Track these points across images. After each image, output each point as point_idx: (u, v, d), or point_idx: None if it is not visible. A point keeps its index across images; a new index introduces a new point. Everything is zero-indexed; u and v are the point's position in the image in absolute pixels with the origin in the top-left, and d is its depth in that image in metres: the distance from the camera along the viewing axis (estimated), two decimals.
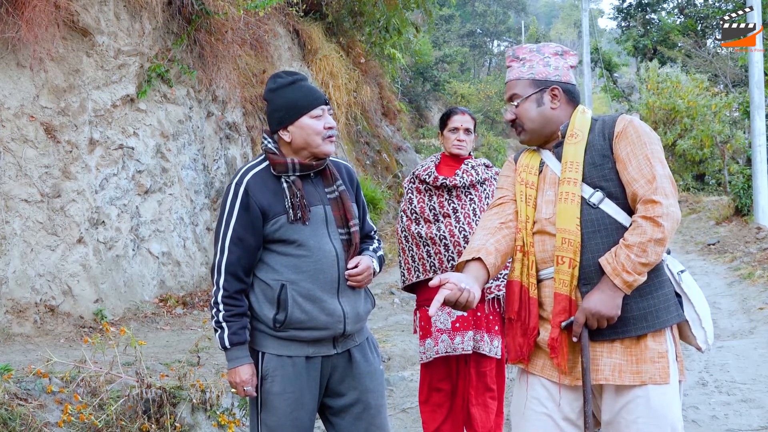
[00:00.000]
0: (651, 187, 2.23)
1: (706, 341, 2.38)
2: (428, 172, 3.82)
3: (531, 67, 2.45)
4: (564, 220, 2.32)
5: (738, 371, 5.70)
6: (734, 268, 10.36)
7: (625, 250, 2.22)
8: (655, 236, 2.20)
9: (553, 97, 2.43)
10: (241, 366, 2.59)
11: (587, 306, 2.24)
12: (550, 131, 2.45)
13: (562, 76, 2.45)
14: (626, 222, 2.30)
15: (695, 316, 2.35)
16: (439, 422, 3.83)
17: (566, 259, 2.30)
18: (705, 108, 21.11)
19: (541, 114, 2.43)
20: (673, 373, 2.28)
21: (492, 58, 51.86)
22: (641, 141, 2.30)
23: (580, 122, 2.41)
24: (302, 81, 2.68)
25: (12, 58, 5.90)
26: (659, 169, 2.26)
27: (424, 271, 3.75)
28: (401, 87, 25.78)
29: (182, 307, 7.14)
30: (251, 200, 2.58)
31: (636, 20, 32.26)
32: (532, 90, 2.44)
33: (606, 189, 2.32)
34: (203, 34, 8.10)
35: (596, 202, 2.31)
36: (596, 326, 2.25)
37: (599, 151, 2.35)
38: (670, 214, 2.22)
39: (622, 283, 2.22)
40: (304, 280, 2.59)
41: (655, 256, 2.21)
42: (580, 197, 2.32)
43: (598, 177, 2.33)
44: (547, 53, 2.47)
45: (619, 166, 2.31)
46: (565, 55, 2.49)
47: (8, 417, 3.38)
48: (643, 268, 2.22)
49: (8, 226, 5.73)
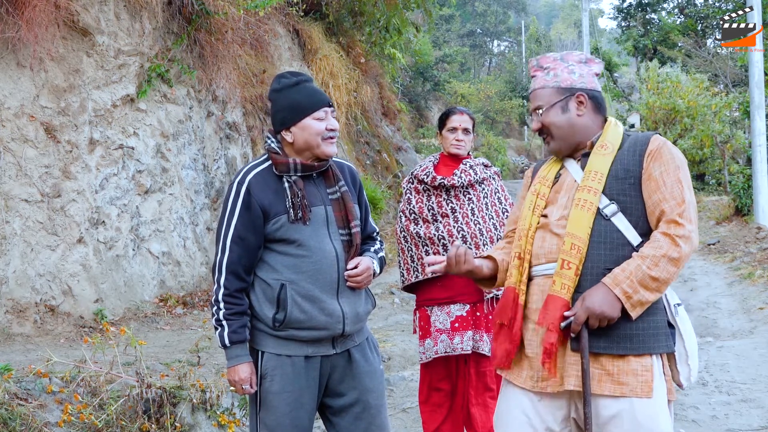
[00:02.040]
0: (679, 209, 2.23)
1: (689, 378, 2.34)
2: (426, 172, 3.82)
3: (555, 75, 2.43)
4: (576, 226, 2.30)
5: (738, 371, 5.70)
6: (734, 268, 10.36)
7: (638, 260, 2.21)
8: (671, 254, 2.19)
9: (579, 104, 2.41)
10: (240, 364, 2.59)
11: (590, 305, 2.21)
12: (578, 139, 2.42)
13: (587, 83, 2.43)
14: (634, 240, 2.28)
15: (683, 351, 2.33)
16: (439, 422, 3.83)
17: (572, 265, 2.28)
18: (705, 108, 21.10)
19: (568, 121, 2.41)
20: (657, 388, 2.25)
21: (492, 58, 51.89)
22: (675, 164, 2.29)
23: (613, 135, 2.39)
24: (307, 82, 2.68)
25: (12, 58, 5.90)
26: (688, 195, 2.27)
27: (423, 271, 3.75)
28: (401, 87, 25.78)
29: (182, 306, 7.15)
30: (253, 199, 2.59)
31: (636, 20, 32.26)
32: (558, 98, 2.41)
33: (622, 203, 2.30)
34: (203, 34, 8.10)
35: (609, 215, 2.29)
36: (597, 326, 2.22)
37: (624, 166, 2.33)
38: (691, 239, 2.22)
39: (622, 294, 2.19)
40: (304, 280, 2.59)
41: (666, 273, 2.19)
42: (596, 207, 2.30)
43: (618, 191, 2.31)
44: (571, 61, 2.46)
45: (649, 184, 2.29)
46: (590, 62, 2.48)
47: (8, 417, 3.38)
48: (651, 283, 2.19)
49: (8, 226, 5.73)
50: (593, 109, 2.42)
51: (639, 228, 2.29)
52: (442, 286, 3.73)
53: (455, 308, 3.71)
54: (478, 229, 3.70)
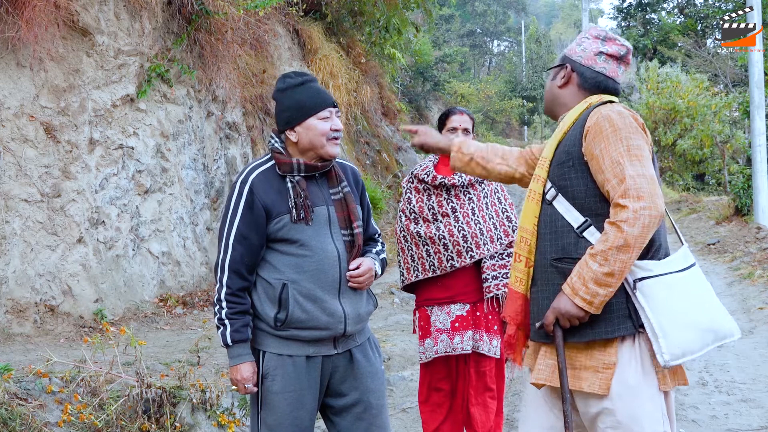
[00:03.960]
0: (620, 188, 2.11)
1: (662, 356, 2.15)
2: (427, 171, 3.82)
3: (572, 44, 2.47)
4: (524, 218, 2.32)
5: (738, 371, 5.70)
6: (734, 268, 10.36)
7: (590, 259, 2.13)
8: (617, 243, 2.08)
9: (563, 76, 2.41)
10: (242, 364, 2.59)
11: (557, 306, 2.20)
12: (555, 110, 2.45)
13: (584, 59, 2.38)
14: (575, 222, 2.21)
15: (651, 327, 2.17)
16: (439, 422, 3.83)
17: (523, 258, 2.30)
18: (705, 108, 21.10)
19: (550, 89, 2.47)
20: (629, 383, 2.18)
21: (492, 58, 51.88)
22: (617, 136, 2.16)
23: (573, 111, 2.35)
24: (311, 82, 2.69)
25: (12, 58, 5.90)
26: (631, 168, 2.11)
27: (423, 270, 3.75)
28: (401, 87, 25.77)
29: (182, 306, 7.14)
30: (255, 199, 2.59)
31: (636, 20, 32.26)
32: (557, 63, 2.47)
33: (561, 187, 2.25)
34: (203, 34, 8.10)
35: (549, 199, 2.28)
36: (568, 325, 2.20)
37: (566, 148, 2.28)
38: (639, 218, 2.07)
39: (582, 302, 2.14)
40: (306, 280, 2.59)
41: (620, 264, 2.09)
42: (540, 195, 2.30)
43: (558, 175, 2.27)
44: (589, 34, 2.45)
45: (592, 164, 2.19)
46: (607, 41, 2.39)
47: (8, 417, 3.38)
48: (608, 279, 2.10)
49: (8, 226, 5.73)
50: (577, 85, 2.39)
51: (581, 208, 2.22)
52: (442, 286, 3.73)
53: (455, 308, 3.71)
54: (478, 229, 3.70)
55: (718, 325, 2.22)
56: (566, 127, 2.32)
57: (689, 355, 2.18)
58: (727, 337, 2.24)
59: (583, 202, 2.22)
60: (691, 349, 2.18)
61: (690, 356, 2.18)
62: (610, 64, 2.38)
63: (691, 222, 15.96)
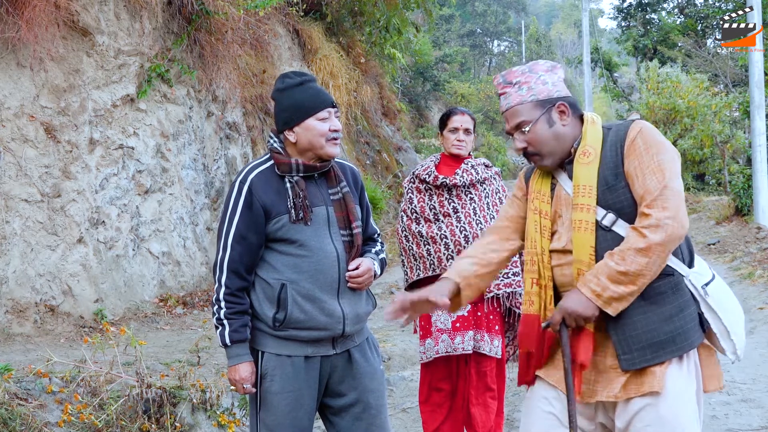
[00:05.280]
0: (648, 199, 2.17)
1: (735, 353, 2.28)
2: (428, 171, 3.82)
3: (530, 89, 2.34)
4: (579, 251, 2.26)
5: (738, 371, 5.69)
6: (734, 268, 10.35)
7: (607, 258, 2.17)
8: (636, 245, 2.12)
9: (561, 114, 2.33)
10: (241, 364, 2.59)
11: (564, 305, 2.21)
12: (565, 149, 2.35)
13: (562, 91, 2.36)
14: None
15: (723, 328, 2.26)
16: (439, 422, 3.83)
17: None
18: (705, 108, 21.08)
19: (555, 134, 2.32)
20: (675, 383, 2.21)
21: (492, 58, 51.89)
22: (649, 153, 2.21)
23: (592, 137, 2.31)
24: (310, 82, 2.68)
25: (12, 58, 5.90)
26: (660, 180, 2.18)
27: (425, 269, 3.75)
28: (401, 87, 25.78)
29: (182, 306, 7.15)
30: (254, 198, 2.59)
31: (636, 20, 32.25)
32: (540, 111, 2.32)
33: (619, 210, 2.24)
34: (203, 34, 8.10)
35: (608, 225, 2.24)
36: (574, 325, 2.21)
37: (612, 170, 2.26)
38: (661, 227, 2.12)
39: (589, 292, 2.16)
40: (305, 280, 2.59)
41: (636, 265, 2.12)
42: (594, 224, 2.24)
43: (612, 199, 2.25)
44: (539, 71, 2.37)
45: (631, 181, 2.23)
46: (554, 69, 2.40)
47: (8, 417, 3.38)
48: (621, 277, 2.14)
49: (8, 226, 5.73)
50: (572, 116, 2.36)
51: None
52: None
53: None
54: (479, 229, 3.70)
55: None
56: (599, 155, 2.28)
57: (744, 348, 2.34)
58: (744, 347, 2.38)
59: None
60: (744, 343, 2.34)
61: None
62: (565, 87, 2.42)
63: (692, 222, 15.94)
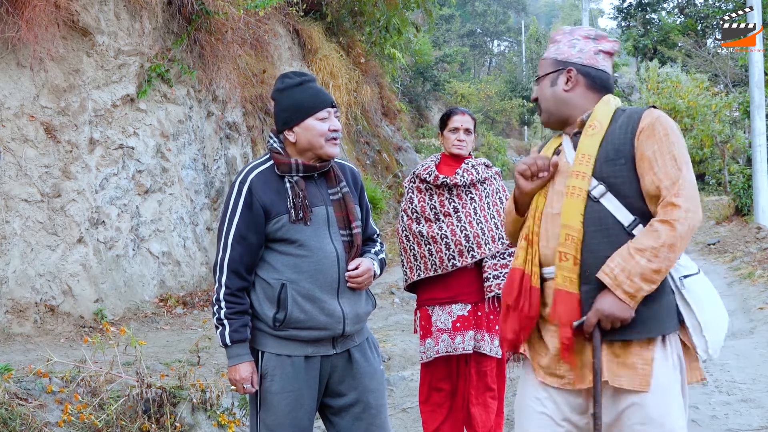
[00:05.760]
0: (674, 189, 2.16)
1: (706, 350, 2.24)
2: (429, 171, 3.82)
3: (558, 48, 2.41)
4: (568, 216, 2.25)
5: (738, 371, 5.69)
6: (734, 268, 10.36)
7: (637, 255, 2.15)
8: (669, 241, 2.13)
9: (567, 79, 2.36)
10: (241, 363, 2.59)
11: (600, 307, 2.18)
12: (565, 114, 2.38)
13: (585, 59, 2.36)
14: (625, 220, 2.22)
15: (695, 323, 2.23)
16: (439, 422, 3.83)
17: (570, 256, 2.24)
18: (705, 108, 21.08)
19: (554, 94, 2.38)
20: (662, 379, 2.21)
21: (492, 58, 51.91)
22: (669, 140, 2.20)
23: (602, 113, 2.32)
24: (310, 82, 2.68)
25: (12, 58, 5.90)
26: (685, 172, 2.18)
27: (425, 269, 3.75)
28: (401, 87, 25.78)
29: (182, 306, 7.15)
30: (254, 199, 2.59)
31: (636, 20, 32.26)
32: (551, 69, 2.40)
33: (611, 184, 2.24)
34: (203, 34, 8.10)
35: (597, 196, 2.24)
36: (609, 327, 2.19)
37: (615, 145, 2.26)
38: (688, 219, 2.14)
39: (624, 295, 2.15)
40: (304, 280, 2.59)
41: (668, 262, 2.14)
42: (586, 192, 2.25)
43: (608, 172, 2.25)
44: (577, 35, 2.41)
45: (642, 164, 2.22)
46: (599, 39, 2.40)
47: (8, 417, 3.38)
48: (654, 276, 2.14)
49: (8, 225, 5.73)
50: (586, 86, 2.36)
51: (630, 207, 2.23)
52: (444, 286, 3.73)
53: (456, 308, 3.71)
54: (480, 229, 3.70)
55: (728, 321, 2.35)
56: (604, 129, 2.29)
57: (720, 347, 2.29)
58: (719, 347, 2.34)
59: (633, 200, 2.23)
60: (722, 341, 2.29)
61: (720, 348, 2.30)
62: (607, 61, 2.41)
63: None
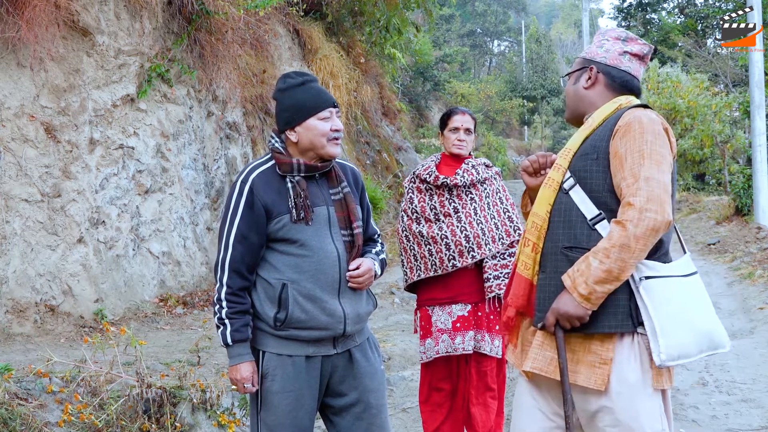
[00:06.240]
0: (632, 188, 2.14)
1: (659, 355, 2.16)
2: (429, 171, 3.82)
3: (590, 47, 2.48)
4: (538, 204, 2.33)
5: (738, 371, 5.70)
6: (734, 268, 10.35)
7: (591, 257, 2.16)
8: (619, 242, 2.11)
9: (589, 77, 2.41)
10: (242, 363, 2.60)
11: (556, 306, 2.22)
12: (582, 111, 2.43)
13: (609, 59, 2.40)
14: (589, 213, 2.23)
15: (651, 325, 2.18)
16: (439, 422, 3.83)
17: (530, 242, 2.31)
18: (705, 108, 21.07)
19: (575, 92, 2.45)
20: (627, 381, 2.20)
21: (492, 58, 51.92)
22: (643, 138, 2.20)
23: (600, 111, 2.36)
24: (312, 82, 2.69)
25: (12, 57, 5.90)
26: (647, 170, 2.14)
27: (426, 270, 3.75)
28: (401, 87, 25.78)
29: (182, 306, 7.15)
30: (256, 198, 2.59)
31: (636, 20, 32.25)
32: (578, 67, 2.47)
33: (582, 178, 2.27)
34: (203, 34, 8.10)
35: (567, 188, 2.29)
36: (569, 326, 2.22)
37: (594, 142, 2.30)
38: (644, 219, 2.10)
39: (579, 297, 2.17)
40: (305, 280, 2.59)
41: (620, 263, 2.11)
42: (558, 183, 2.31)
43: (580, 166, 2.29)
44: (609, 36, 2.47)
45: (614, 162, 2.22)
46: (629, 41, 2.43)
47: (8, 417, 3.38)
48: (605, 276, 2.13)
49: (8, 225, 5.73)
50: (605, 85, 2.40)
51: (597, 201, 2.24)
52: (444, 286, 3.73)
53: (456, 308, 3.71)
54: (480, 229, 3.70)
55: (713, 332, 2.26)
56: (596, 124, 2.34)
57: (684, 358, 2.21)
58: (719, 347, 2.28)
59: (600, 195, 2.25)
60: (687, 353, 2.21)
61: (685, 360, 2.22)
62: (634, 63, 2.42)
63: (692, 222, 15.96)
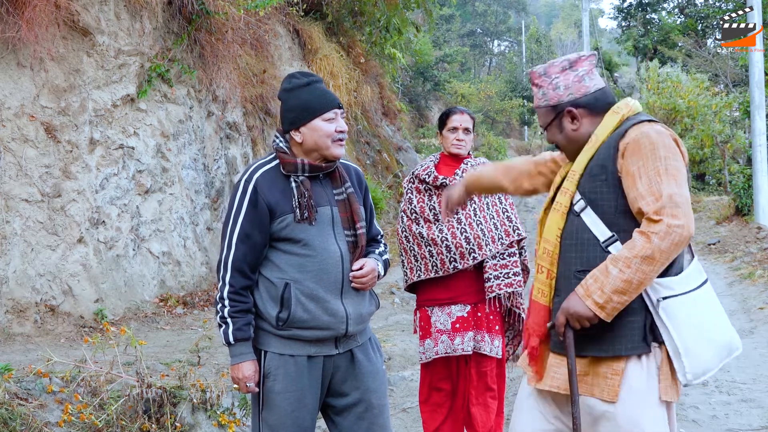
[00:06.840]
0: (656, 205, 2.11)
1: (684, 375, 2.18)
2: (428, 171, 3.82)
3: (544, 94, 2.38)
4: (548, 230, 2.31)
5: (738, 371, 5.70)
6: (734, 268, 10.36)
7: (610, 264, 2.13)
8: (643, 252, 2.09)
9: (572, 120, 2.35)
10: (244, 362, 2.59)
11: (566, 306, 2.21)
12: (581, 146, 2.37)
13: (575, 92, 2.33)
14: (601, 236, 2.21)
15: (673, 346, 2.18)
16: (439, 422, 3.83)
17: (545, 269, 2.29)
18: (705, 108, 21.08)
19: (566, 138, 2.37)
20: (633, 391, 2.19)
21: (492, 58, 51.91)
22: (656, 155, 2.16)
23: (603, 127, 2.31)
24: (317, 83, 2.69)
25: (12, 57, 5.90)
26: (668, 187, 2.11)
27: (426, 270, 3.75)
28: (401, 87, 25.78)
29: (182, 306, 7.14)
30: (259, 197, 2.59)
31: (636, 20, 32.27)
32: (551, 117, 2.38)
33: (592, 200, 2.24)
34: (203, 34, 8.10)
35: (578, 211, 2.26)
36: (578, 326, 2.21)
37: (600, 161, 2.26)
38: (670, 234, 2.08)
39: (594, 305, 2.14)
40: (308, 280, 2.59)
41: (641, 274, 2.09)
42: (566, 208, 2.28)
43: (590, 188, 2.26)
44: (553, 74, 2.37)
45: (626, 180, 2.19)
46: (576, 65, 2.36)
47: (9, 417, 3.38)
48: (625, 286, 2.11)
49: (8, 225, 5.73)
50: (591, 115, 2.34)
51: (609, 223, 2.22)
52: (444, 287, 3.73)
53: (456, 309, 3.71)
54: (480, 230, 3.70)
55: (731, 340, 2.27)
56: (599, 142, 2.29)
57: (708, 372, 2.22)
58: (735, 351, 2.29)
59: (612, 217, 2.22)
60: (710, 367, 2.22)
61: (709, 374, 2.22)
62: (594, 76, 2.37)
63: None
